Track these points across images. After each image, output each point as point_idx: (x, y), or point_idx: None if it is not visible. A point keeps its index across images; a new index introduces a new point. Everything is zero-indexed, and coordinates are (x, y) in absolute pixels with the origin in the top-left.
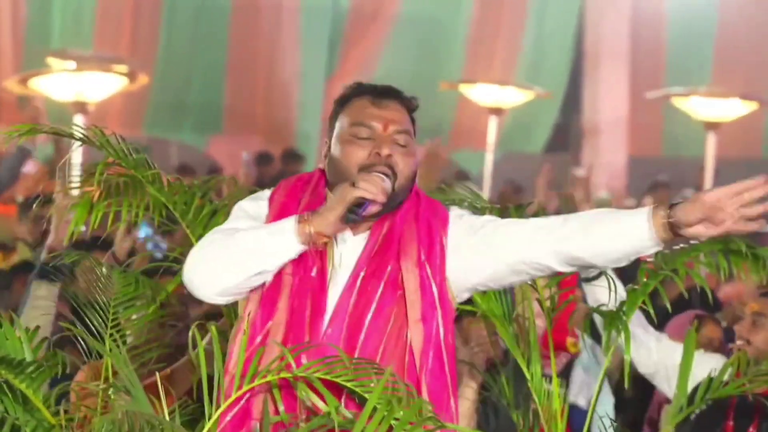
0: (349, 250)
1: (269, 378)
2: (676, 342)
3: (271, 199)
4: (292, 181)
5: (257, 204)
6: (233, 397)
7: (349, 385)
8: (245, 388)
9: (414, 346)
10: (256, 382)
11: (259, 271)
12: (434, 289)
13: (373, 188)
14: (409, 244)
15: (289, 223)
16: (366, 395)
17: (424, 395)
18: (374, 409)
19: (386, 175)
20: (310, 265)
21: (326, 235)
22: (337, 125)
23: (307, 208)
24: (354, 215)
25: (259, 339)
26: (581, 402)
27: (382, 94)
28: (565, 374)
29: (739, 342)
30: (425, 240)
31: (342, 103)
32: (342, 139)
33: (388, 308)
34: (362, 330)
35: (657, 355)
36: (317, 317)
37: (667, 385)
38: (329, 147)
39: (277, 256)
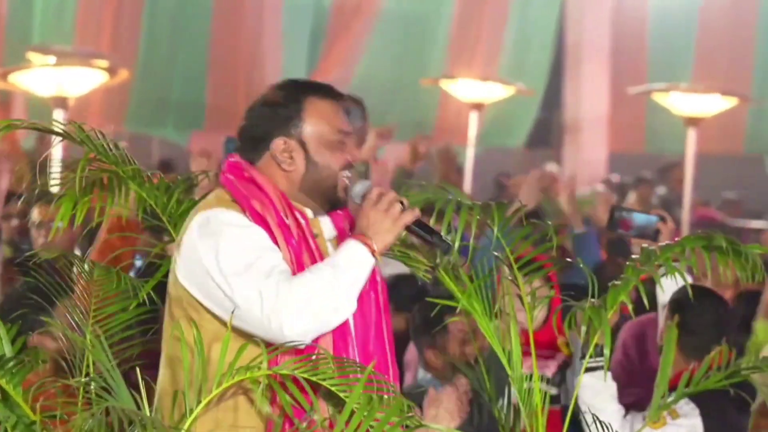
0: None
1: (248, 375)
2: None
3: (264, 225)
4: (264, 201)
5: (258, 231)
6: (214, 393)
7: (326, 384)
8: (225, 384)
9: (389, 328)
10: (236, 379)
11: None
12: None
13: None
14: None
15: (364, 252)
16: (344, 397)
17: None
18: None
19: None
20: None
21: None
22: (311, 129)
23: (299, 228)
24: (440, 239)
25: None
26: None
27: (341, 97)
28: (559, 377)
29: None
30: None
31: (297, 102)
32: (325, 145)
33: (377, 298)
34: (371, 327)
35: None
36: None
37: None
38: (304, 150)
39: (363, 285)
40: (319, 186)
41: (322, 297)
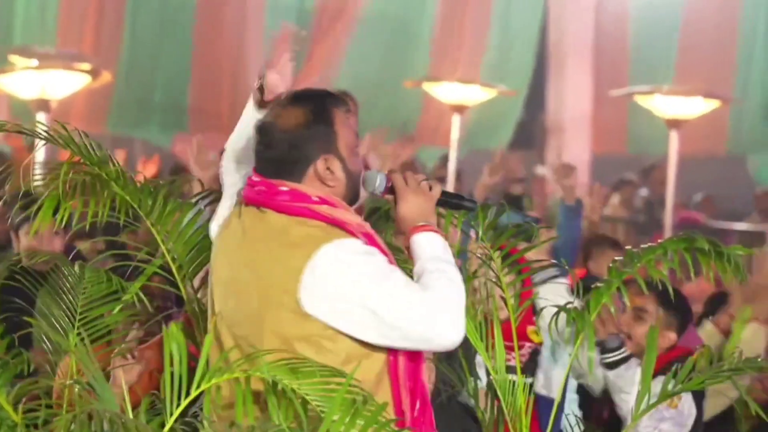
0: None
1: (226, 376)
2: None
3: (375, 244)
4: (359, 225)
5: (378, 252)
6: (193, 394)
7: (302, 392)
8: (204, 385)
9: None
10: (215, 380)
11: None
12: None
13: None
14: None
15: (441, 239)
16: (319, 408)
17: None
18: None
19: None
20: None
21: None
22: (343, 141)
23: (379, 243)
24: (467, 201)
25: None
26: (543, 391)
27: (347, 98)
28: (531, 364)
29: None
30: None
31: (327, 117)
32: (353, 153)
33: None
34: None
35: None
36: None
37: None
38: (342, 162)
39: None
40: (353, 191)
41: (460, 293)
